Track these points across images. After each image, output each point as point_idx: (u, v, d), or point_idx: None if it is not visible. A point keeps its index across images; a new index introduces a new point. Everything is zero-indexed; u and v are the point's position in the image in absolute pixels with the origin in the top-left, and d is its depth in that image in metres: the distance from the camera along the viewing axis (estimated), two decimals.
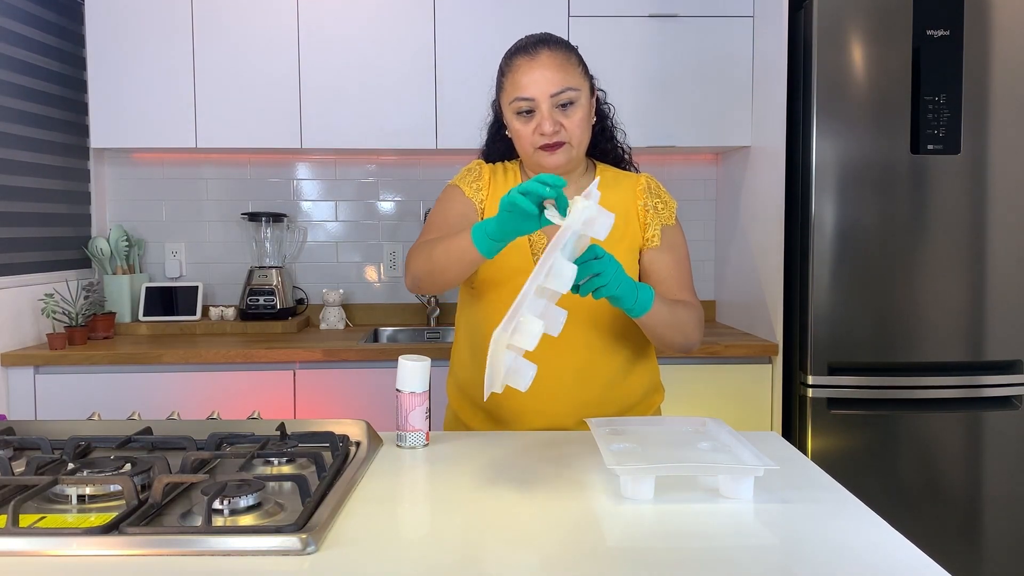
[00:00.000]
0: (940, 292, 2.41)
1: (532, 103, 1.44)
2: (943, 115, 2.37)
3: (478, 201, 1.56)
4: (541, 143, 1.46)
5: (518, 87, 1.45)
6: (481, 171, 1.59)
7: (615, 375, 1.53)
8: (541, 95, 1.43)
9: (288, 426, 1.38)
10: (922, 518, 2.42)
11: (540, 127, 1.44)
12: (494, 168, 1.60)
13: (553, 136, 1.45)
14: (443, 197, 1.60)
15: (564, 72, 1.44)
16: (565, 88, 1.43)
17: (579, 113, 1.46)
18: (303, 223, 3.09)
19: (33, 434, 1.35)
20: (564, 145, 1.46)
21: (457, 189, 1.58)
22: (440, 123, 2.73)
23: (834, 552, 0.93)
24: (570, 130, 1.45)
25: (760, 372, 2.53)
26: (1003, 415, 2.44)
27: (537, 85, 1.43)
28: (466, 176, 1.59)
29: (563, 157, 1.48)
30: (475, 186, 1.57)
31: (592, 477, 1.20)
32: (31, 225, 2.58)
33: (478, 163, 1.62)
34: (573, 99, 1.45)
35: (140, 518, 0.96)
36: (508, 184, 1.58)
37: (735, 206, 2.91)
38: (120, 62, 2.69)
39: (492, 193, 1.56)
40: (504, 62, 1.50)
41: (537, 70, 1.43)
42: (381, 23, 2.71)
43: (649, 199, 1.56)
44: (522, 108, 1.45)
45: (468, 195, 1.56)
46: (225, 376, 2.45)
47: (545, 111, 1.44)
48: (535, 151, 1.47)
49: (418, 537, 0.97)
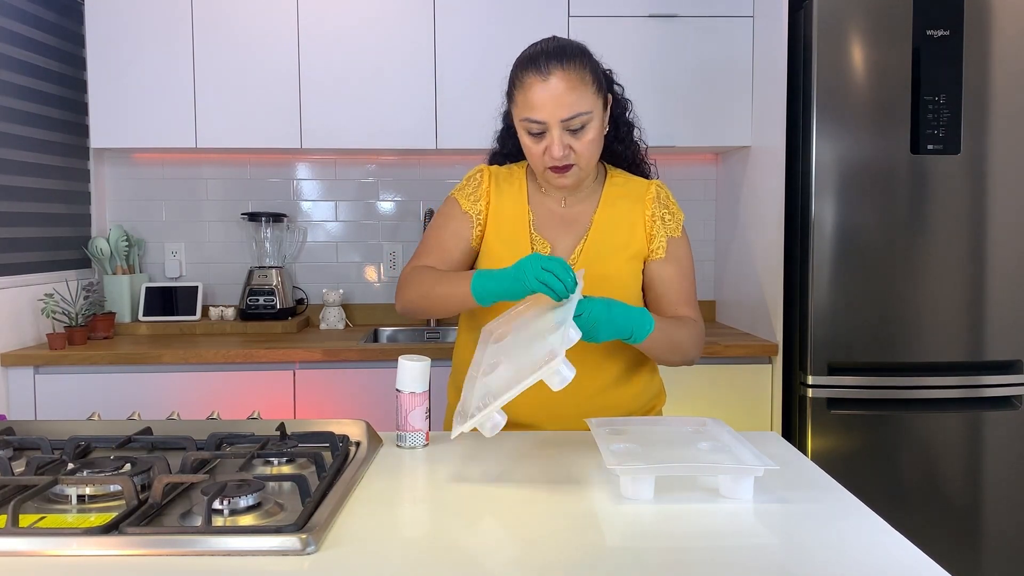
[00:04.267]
0: (940, 292, 2.41)
1: (543, 126, 1.42)
2: (943, 115, 2.37)
3: (475, 213, 1.55)
4: (551, 164, 1.45)
5: (529, 107, 1.42)
6: (481, 179, 1.57)
7: (610, 385, 1.52)
8: (552, 119, 1.41)
9: (288, 426, 1.37)
10: (922, 518, 2.42)
11: (550, 150, 1.42)
12: (496, 173, 1.59)
13: (562, 160, 1.43)
14: (442, 210, 1.60)
15: (576, 95, 1.40)
16: (576, 114, 1.41)
17: (589, 135, 1.44)
18: (303, 223, 3.09)
19: (33, 434, 1.35)
20: (572, 167, 1.45)
21: (455, 202, 1.57)
22: (440, 123, 2.73)
23: (834, 552, 0.93)
24: (580, 153, 1.44)
25: (760, 372, 2.52)
26: (1003, 415, 2.44)
27: (547, 109, 1.40)
28: (465, 187, 1.58)
29: (572, 179, 1.48)
30: (472, 197, 1.56)
31: (592, 477, 1.19)
32: (31, 225, 2.58)
33: (479, 170, 1.59)
34: (584, 123, 1.42)
35: (140, 518, 0.96)
36: (510, 192, 1.56)
37: (735, 206, 2.91)
38: (120, 62, 2.69)
39: (492, 201, 1.55)
40: (515, 72, 1.46)
41: (548, 92, 1.39)
42: (381, 23, 2.71)
43: (657, 209, 1.54)
44: (533, 129, 1.43)
45: (465, 208, 1.55)
46: (225, 376, 2.45)
47: (556, 136, 1.41)
48: (544, 170, 1.47)
49: (418, 537, 0.97)
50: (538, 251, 1.51)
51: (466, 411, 1.19)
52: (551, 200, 1.56)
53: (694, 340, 1.49)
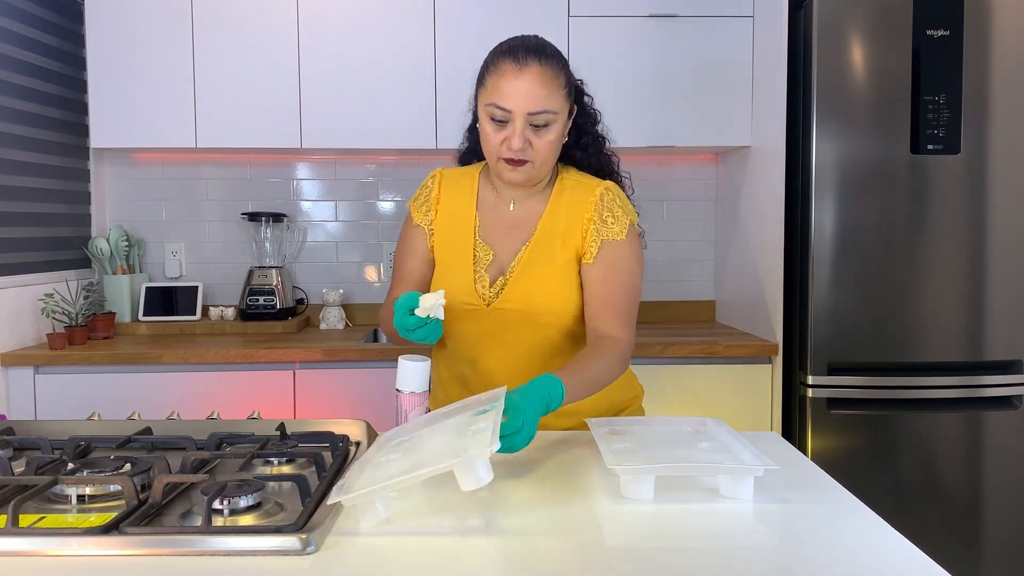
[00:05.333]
0: (940, 292, 2.41)
1: (508, 114, 1.41)
2: (943, 115, 2.37)
3: (426, 224, 1.57)
4: (506, 156, 1.43)
5: (498, 93, 1.41)
6: (432, 187, 1.58)
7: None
8: (519, 109, 1.40)
9: (288, 426, 1.38)
10: (922, 518, 2.42)
11: (509, 141, 1.41)
12: (448, 177, 1.59)
13: (519, 153, 1.42)
14: (402, 230, 1.63)
15: (547, 91, 1.40)
16: (544, 110, 1.40)
17: (551, 136, 1.43)
18: (303, 223, 3.09)
19: (33, 434, 1.35)
20: (527, 164, 1.44)
21: (408, 216, 1.60)
22: (440, 123, 2.73)
23: (834, 552, 0.93)
24: (537, 150, 1.43)
25: (760, 372, 2.52)
26: (1003, 415, 2.44)
27: (517, 98, 1.39)
28: (418, 197, 1.60)
29: (523, 175, 1.46)
30: (423, 209, 1.57)
31: (592, 477, 1.19)
32: (31, 225, 2.58)
33: (431, 176, 1.60)
34: (549, 121, 1.42)
35: (140, 518, 0.96)
36: (460, 197, 1.55)
37: (735, 206, 2.91)
38: (120, 62, 2.69)
39: (441, 209, 1.56)
40: (491, 58, 1.45)
41: (521, 83, 1.39)
42: (381, 22, 2.70)
43: (597, 212, 1.49)
44: (496, 116, 1.42)
45: (416, 221, 1.58)
46: (225, 376, 2.45)
47: (518, 127, 1.40)
48: (498, 160, 1.46)
49: (417, 537, 0.97)
50: (480, 258, 1.50)
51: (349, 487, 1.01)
52: (502, 204, 1.55)
53: (611, 368, 1.40)
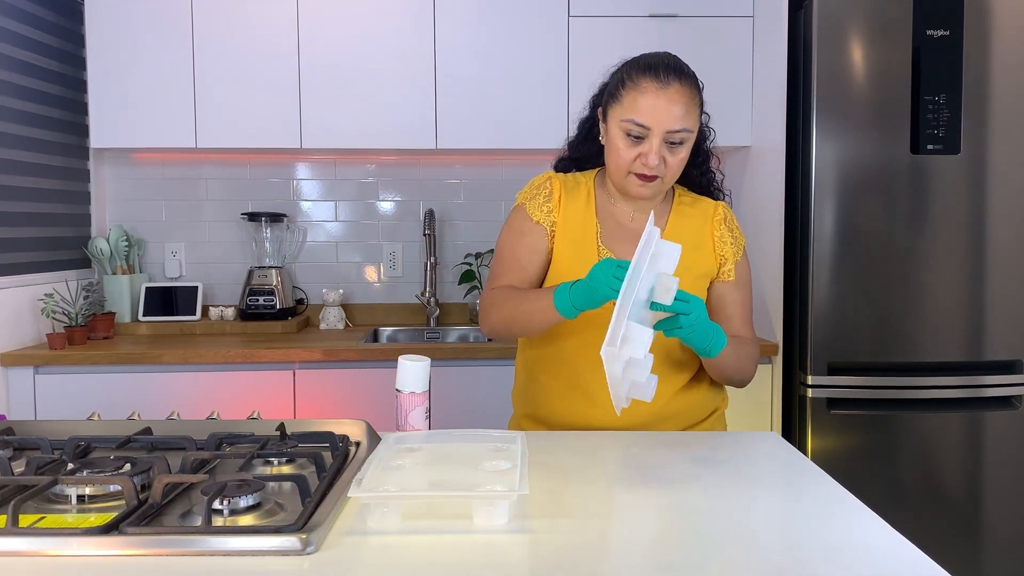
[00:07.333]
0: (940, 292, 2.41)
1: (645, 131, 1.41)
2: (943, 115, 2.37)
3: (548, 224, 1.52)
4: (639, 171, 1.44)
5: (638, 110, 1.41)
6: (552, 188, 1.54)
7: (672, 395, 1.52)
8: (658, 127, 1.40)
9: (288, 426, 1.37)
10: (922, 518, 2.42)
11: (646, 158, 1.42)
12: (565, 181, 1.56)
13: (654, 169, 1.43)
14: (511, 223, 1.56)
15: (686, 110, 1.41)
16: (682, 128, 1.41)
17: (683, 153, 1.45)
18: (303, 223, 3.09)
19: (33, 434, 1.35)
20: (657, 180, 1.45)
21: (525, 214, 1.54)
22: (440, 123, 2.73)
23: (834, 552, 0.93)
24: (669, 167, 1.44)
25: (760, 372, 2.51)
26: (1003, 415, 2.44)
27: (658, 116, 1.40)
28: (536, 196, 1.55)
29: (652, 191, 1.47)
30: (545, 208, 1.53)
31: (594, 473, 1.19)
32: (31, 225, 2.58)
33: (548, 177, 1.57)
34: (684, 139, 1.43)
35: (140, 518, 0.96)
36: (578, 202, 1.53)
37: (735, 206, 2.90)
38: (120, 62, 2.69)
39: (564, 211, 1.53)
40: (629, 73, 1.45)
41: (662, 101, 1.40)
42: (381, 23, 2.70)
43: (725, 231, 1.55)
44: (633, 132, 1.42)
45: (536, 219, 1.52)
46: (225, 376, 2.45)
47: (655, 144, 1.41)
48: (628, 175, 1.46)
49: (417, 537, 0.97)
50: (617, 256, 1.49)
51: (369, 485, 1.00)
52: (620, 213, 1.55)
53: (753, 360, 1.53)
